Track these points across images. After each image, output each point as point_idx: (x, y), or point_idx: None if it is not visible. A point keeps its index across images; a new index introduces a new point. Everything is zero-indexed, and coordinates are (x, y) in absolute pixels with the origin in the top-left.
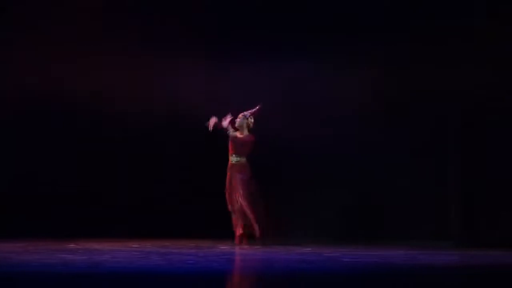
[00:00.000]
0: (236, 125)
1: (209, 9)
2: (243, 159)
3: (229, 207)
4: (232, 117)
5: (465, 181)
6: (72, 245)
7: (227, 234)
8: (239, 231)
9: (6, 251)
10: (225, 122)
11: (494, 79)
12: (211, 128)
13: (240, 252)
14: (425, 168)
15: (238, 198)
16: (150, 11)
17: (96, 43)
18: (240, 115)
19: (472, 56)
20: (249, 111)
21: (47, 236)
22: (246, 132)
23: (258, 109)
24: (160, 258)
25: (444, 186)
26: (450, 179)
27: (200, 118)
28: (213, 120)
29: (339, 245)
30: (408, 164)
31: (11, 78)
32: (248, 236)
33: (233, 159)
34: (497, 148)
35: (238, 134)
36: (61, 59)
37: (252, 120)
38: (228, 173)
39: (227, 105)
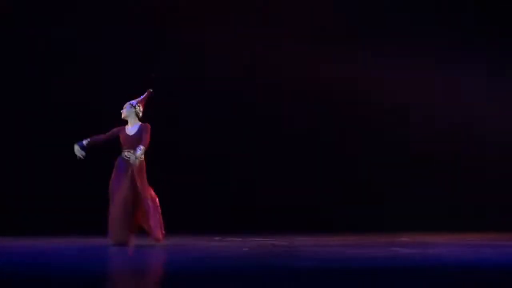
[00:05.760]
0: (123, 116)
1: None
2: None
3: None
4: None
5: None
6: (405, 239)
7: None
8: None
9: (337, 245)
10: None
11: None
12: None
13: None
14: None
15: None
16: None
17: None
18: (126, 105)
19: None
20: (136, 99)
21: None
22: (136, 121)
23: (146, 95)
24: (492, 250)
25: None
26: None
27: None
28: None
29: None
30: None
31: None
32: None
33: (125, 154)
34: None
35: (127, 126)
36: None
37: (141, 108)
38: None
39: None
